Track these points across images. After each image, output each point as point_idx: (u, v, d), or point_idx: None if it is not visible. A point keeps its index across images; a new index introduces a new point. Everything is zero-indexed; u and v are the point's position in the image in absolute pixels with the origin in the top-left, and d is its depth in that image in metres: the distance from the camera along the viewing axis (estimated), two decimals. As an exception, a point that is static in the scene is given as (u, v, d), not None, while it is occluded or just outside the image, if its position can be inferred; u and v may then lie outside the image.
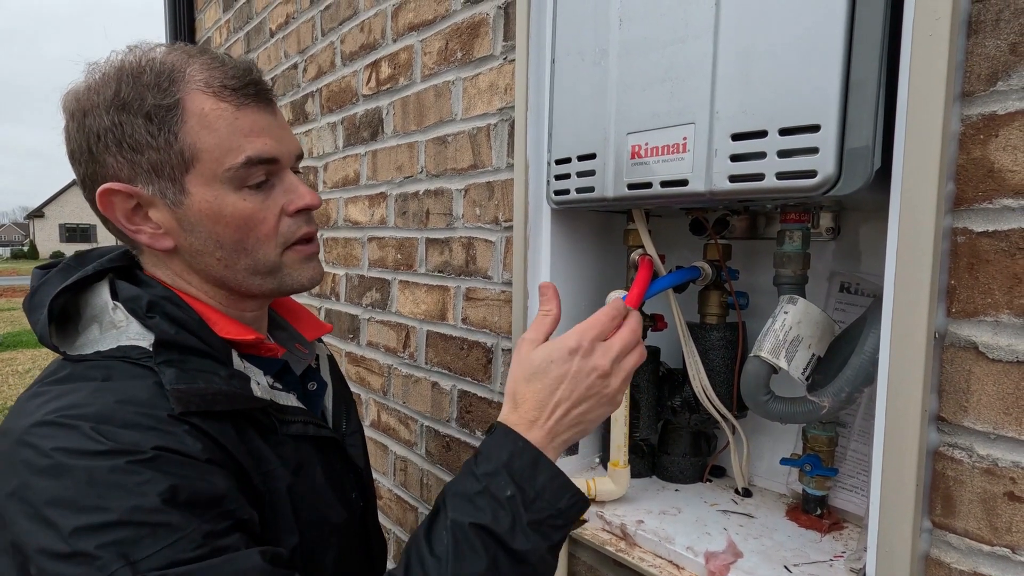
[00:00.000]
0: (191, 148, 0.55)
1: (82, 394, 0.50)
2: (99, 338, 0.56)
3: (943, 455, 0.50)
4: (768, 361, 0.67)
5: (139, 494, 0.45)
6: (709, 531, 0.75)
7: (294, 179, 0.62)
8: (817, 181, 0.53)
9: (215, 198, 0.57)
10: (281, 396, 0.63)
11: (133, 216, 0.58)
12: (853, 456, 0.77)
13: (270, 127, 0.60)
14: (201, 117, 0.55)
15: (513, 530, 0.49)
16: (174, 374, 0.53)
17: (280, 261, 0.62)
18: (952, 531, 0.50)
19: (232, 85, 0.57)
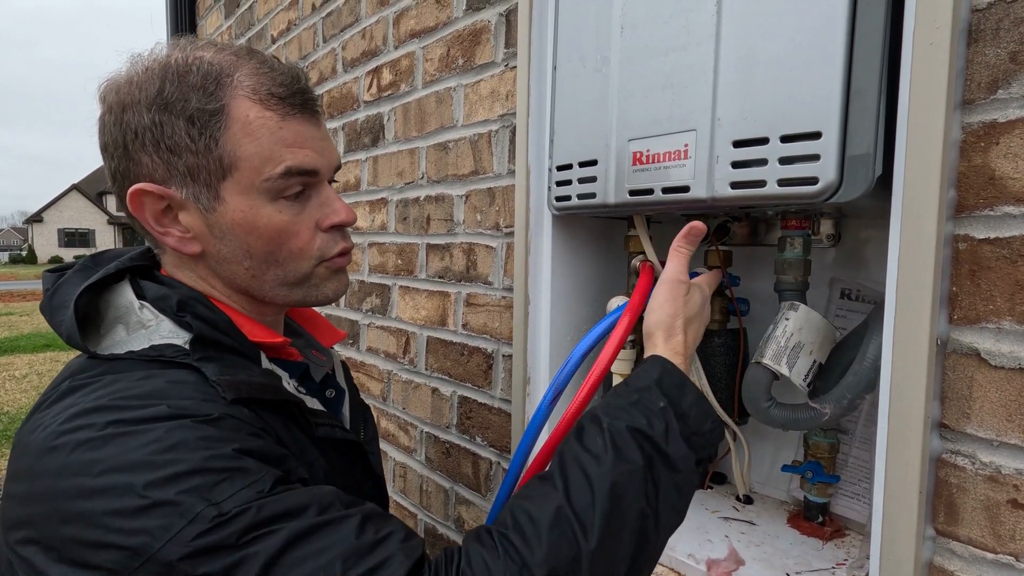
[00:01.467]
0: (231, 155, 0.54)
1: (128, 382, 0.49)
2: (127, 339, 0.54)
3: (946, 462, 0.50)
4: (770, 368, 0.67)
5: (210, 448, 0.45)
6: (711, 538, 0.74)
7: (331, 193, 0.61)
8: (818, 188, 0.53)
9: (250, 208, 0.55)
10: (307, 399, 0.62)
11: (163, 218, 0.56)
12: (855, 463, 0.77)
13: (313, 138, 0.58)
14: (245, 124, 0.53)
15: (667, 436, 0.52)
16: (216, 368, 0.52)
17: (312, 273, 0.61)
18: (955, 539, 0.50)
19: (279, 93, 0.55)
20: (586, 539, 0.46)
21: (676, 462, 0.51)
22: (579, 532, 0.46)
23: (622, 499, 0.48)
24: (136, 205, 0.55)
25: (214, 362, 0.53)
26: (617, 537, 0.47)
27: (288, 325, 0.74)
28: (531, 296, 0.86)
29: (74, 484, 0.44)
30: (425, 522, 1.17)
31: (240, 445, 0.46)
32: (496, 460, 0.99)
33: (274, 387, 0.55)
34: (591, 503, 0.47)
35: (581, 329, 0.90)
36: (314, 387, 0.70)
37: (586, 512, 0.47)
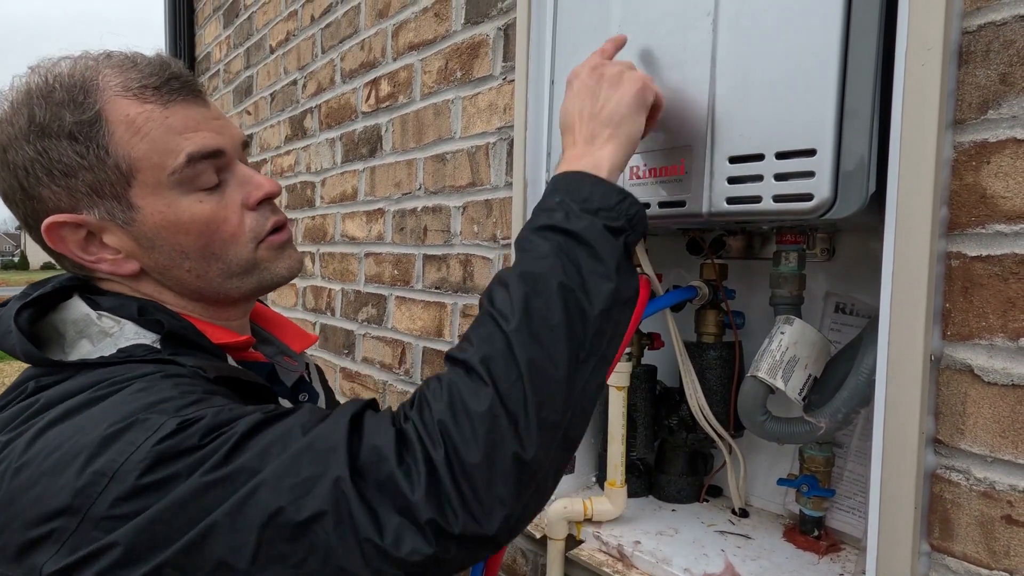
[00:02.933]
0: (126, 159, 0.50)
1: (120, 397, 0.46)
2: (94, 350, 0.51)
3: (940, 477, 0.51)
4: (765, 381, 0.67)
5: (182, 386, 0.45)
6: (707, 552, 0.74)
7: (246, 170, 0.58)
8: (813, 204, 0.54)
9: (167, 206, 0.52)
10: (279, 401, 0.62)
11: (88, 246, 0.53)
12: (850, 477, 0.77)
13: (205, 119, 0.55)
14: (129, 124, 0.50)
15: (568, 218, 0.49)
16: (190, 359, 0.51)
17: (255, 257, 0.58)
18: (951, 554, 0.50)
19: (153, 83, 0.52)
20: (507, 323, 0.45)
21: (582, 234, 0.49)
22: (500, 321, 0.45)
23: (536, 280, 0.47)
24: (56, 240, 0.52)
25: (187, 356, 0.51)
26: (540, 315, 0.45)
27: (257, 333, 0.72)
28: (528, 308, 0.86)
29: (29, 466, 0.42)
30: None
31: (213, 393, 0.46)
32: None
33: (251, 374, 0.55)
34: (508, 298, 0.46)
35: (577, 341, 0.90)
36: (284, 391, 0.68)
37: (504, 305, 0.46)
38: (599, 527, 0.81)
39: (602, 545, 0.78)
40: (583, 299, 0.47)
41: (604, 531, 0.79)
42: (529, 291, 0.46)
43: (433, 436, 0.41)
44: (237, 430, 0.41)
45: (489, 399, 0.42)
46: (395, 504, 0.40)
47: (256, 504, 0.39)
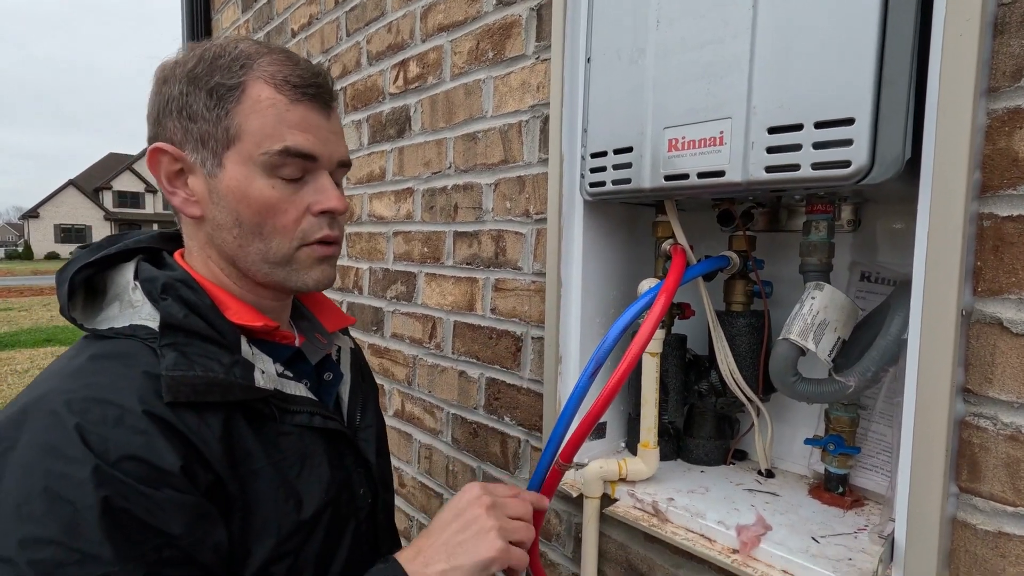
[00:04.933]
0: (237, 127, 0.58)
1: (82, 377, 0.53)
2: (117, 315, 0.59)
3: (969, 424, 0.54)
4: (797, 343, 0.71)
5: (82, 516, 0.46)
6: (738, 507, 0.78)
7: (328, 183, 0.63)
8: (851, 171, 0.57)
9: (245, 177, 0.59)
10: (289, 385, 0.63)
11: (174, 179, 0.61)
12: (873, 437, 0.81)
13: (318, 127, 0.61)
14: (256, 102, 0.58)
15: None
16: (174, 359, 0.54)
17: (293, 255, 0.63)
18: (978, 495, 0.54)
19: (294, 81, 0.60)
20: None
21: None
22: None
23: None
24: (153, 163, 0.61)
25: (178, 350, 0.55)
26: None
27: (296, 308, 0.76)
28: (563, 279, 0.90)
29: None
30: (451, 501, 1.21)
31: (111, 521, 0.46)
32: (525, 438, 1.03)
33: (227, 386, 0.56)
34: None
35: (609, 312, 0.94)
36: (308, 369, 0.70)
37: None
38: (632, 486, 0.85)
39: (637, 502, 0.82)
40: None
41: (638, 490, 0.84)
42: None
43: None
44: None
45: None
46: None
47: None
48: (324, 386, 0.73)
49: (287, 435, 0.61)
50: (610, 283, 0.94)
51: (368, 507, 0.71)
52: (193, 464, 0.52)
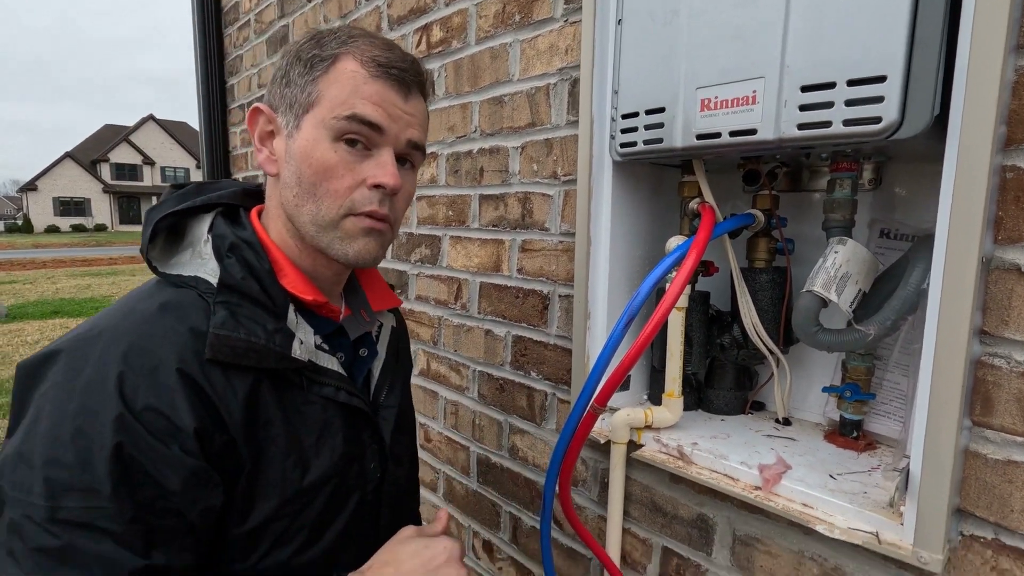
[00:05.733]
0: (319, 93, 0.63)
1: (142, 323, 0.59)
2: (187, 263, 0.64)
3: (984, 363, 0.59)
4: (819, 295, 0.75)
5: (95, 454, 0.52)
6: (758, 450, 0.84)
7: (389, 159, 0.64)
8: (882, 127, 0.60)
9: (313, 139, 0.63)
10: (323, 358, 0.67)
11: (265, 138, 0.68)
12: (887, 385, 0.85)
13: (392, 104, 0.64)
14: (340, 73, 0.63)
15: None
16: (224, 318, 0.59)
17: (339, 222, 0.64)
18: (989, 427, 0.59)
19: (379, 60, 0.63)
20: None
21: None
22: None
23: None
24: (251, 120, 0.68)
25: (230, 309, 0.60)
26: None
27: (350, 281, 0.79)
28: (592, 238, 0.94)
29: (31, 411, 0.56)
30: (478, 453, 1.27)
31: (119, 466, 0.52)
32: (552, 391, 1.08)
33: (264, 352, 0.60)
34: None
35: (634, 271, 0.98)
36: (345, 343, 0.74)
37: None
38: (657, 433, 0.90)
39: (662, 447, 0.88)
40: None
41: (663, 436, 0.89)
42: None
43: None
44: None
45: None
46: None
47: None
48: (358, 361, 0.76)
49: (311, 404, 0.66)
50: (635, 243, 0.98)
51: (376, 481, 0.74)
52: (209, 427, 0.57)
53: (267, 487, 0.61)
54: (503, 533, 1.22)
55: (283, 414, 0.63)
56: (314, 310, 0.69)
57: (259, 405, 0.62)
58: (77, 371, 0.54)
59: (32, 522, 0.50)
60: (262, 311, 0.62)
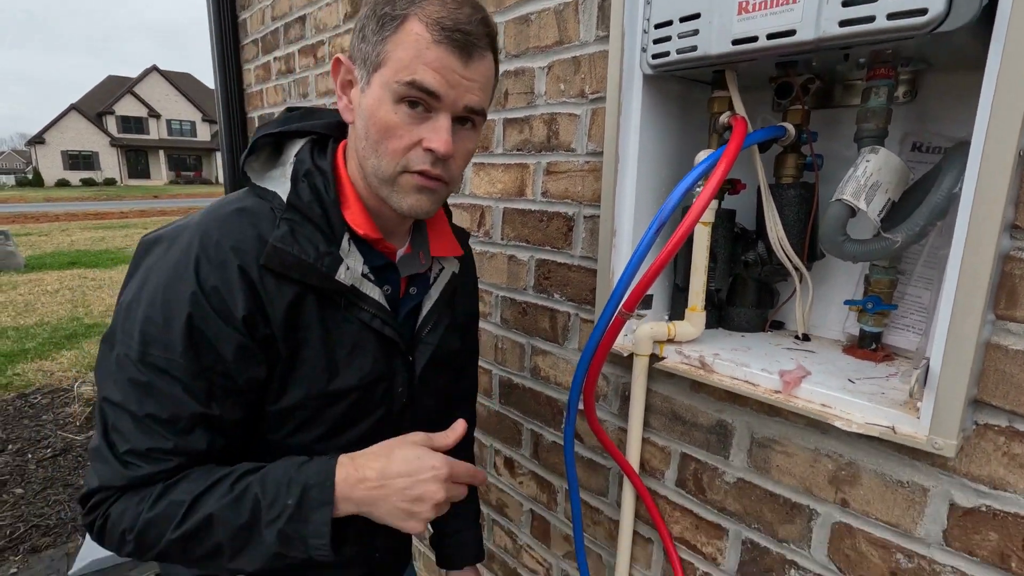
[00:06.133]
0: (386, 54, 0.65)
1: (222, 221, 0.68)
2: (274, 179, 0.73)
3: (1012, 257, 0.60)
4: (848, 203, 0.76)
5: (175, 318, 0.64)
6: (778, 360, 0.86)
7: (444, 124, 0.67)
8: (927, 19, 0.59)
9: (378, 100, 0.67)
10: (367, 286, 0.74)
11: (345, 87, 0.72)
12: (909, 299, 0.87)
13: (450, 70, 0.65)
14: (406, 35, 0.64)
15: (271, 523, 0.65)
16: (284, 233, 0.68)
17: (396, 178, 0.69)
18: (1012, 320, 0.61)
19: (444, 23, 0.64)
20: (171, 530, 0.64)
21: (261, 543, 0.65)
22: (168, 524, 0.64)
23: (208, 529, 0.64)
24: (335, 70, 0.72)
25: (291, 226, 0.68)
26: (185, 548, 0.65)
27: (418, 223, 0.85)
28: (621, 155, 0.94)
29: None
30: (500, 376, 1.32)
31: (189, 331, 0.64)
32: (575, 312, 1.11)
33: (308, 270, 0.68)
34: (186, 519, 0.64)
35: (662, 189, 0.99)
36: (394, 278, 0.79)
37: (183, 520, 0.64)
38: (679, 346, 0.93)
39: (684, 358, 0.91)
40: (220, 560, 0.67)
41: (684, 348, 0.92)
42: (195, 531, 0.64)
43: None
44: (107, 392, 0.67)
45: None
46: None
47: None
48: (406, 297, 0.82)
49: (349, 323, 0.73)
50: (663, 162, 0.98)
51: (403, 406, 0.82)
52: (256, 318, 0.67)
53: (298, 380, 0.71)
54: (524, 449, 1.28)
55: (321, 326, 0.71)
56: (370, 244, 0.76)
57: (301, 313, 0.70)
58: (171, 252, 0.67)
59: (130, 360, 0.64)
60: (319, 234, 0.70)
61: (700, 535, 0.94)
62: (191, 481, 0.66)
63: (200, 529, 0.64)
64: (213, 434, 0.67)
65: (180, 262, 0.65)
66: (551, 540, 1.25)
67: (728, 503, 0.89)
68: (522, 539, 1.33)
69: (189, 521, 0.64)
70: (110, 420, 0.65)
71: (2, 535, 2.64)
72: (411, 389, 0.82)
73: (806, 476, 0.80)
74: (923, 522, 0.69)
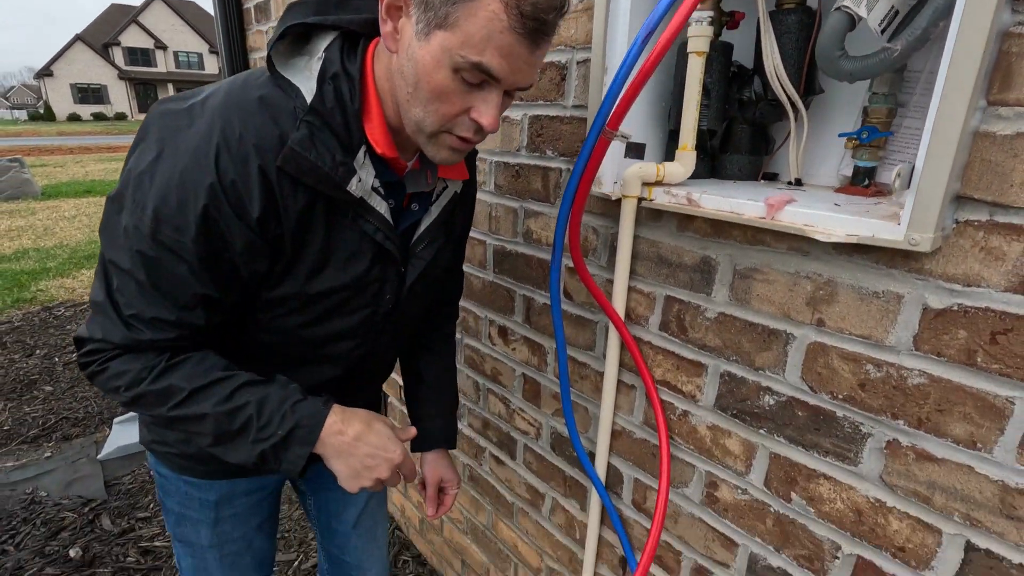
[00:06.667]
0: (456, 19, 0.61)
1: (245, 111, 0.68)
2: (299, 70, 0.71)
3: (1012, 34, 0.57)
4: (849, 10, 0.72)
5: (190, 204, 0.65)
6: (766, 194, 0.85)
7: (496, 99, 0.67)
8: None
9: (436, 62, 0.64)
10: (375, 199, 0.76)
11: (392, 11, 0.66)
12: (906, 132, 0.84)
13: (517, 57, 0.64)
14: (482, 9, 0.60)
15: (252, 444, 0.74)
16: (303, 136, 0.67)
17: (437, 134, 0.70)
18: (1004, 104, 0.58)
19: (525, 11, 0.60)
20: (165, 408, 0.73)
21: (242, 450, 0.75)
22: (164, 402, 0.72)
23: (199, 422, 0.73)
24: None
25: (311, 128, 0.68)
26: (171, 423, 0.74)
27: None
28: (613, -18, 0.89)
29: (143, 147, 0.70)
30: (494, 246, 1.33)
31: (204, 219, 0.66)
32: (566, 167, 1.09)
33: (321, 177, 0.69)
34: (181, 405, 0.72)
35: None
36: (400, 194, 0.82)
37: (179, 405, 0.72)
38: (668, 188, 0.92)
39: (672, 197, 0.90)
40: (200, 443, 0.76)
41: (674, 189, 0.90)
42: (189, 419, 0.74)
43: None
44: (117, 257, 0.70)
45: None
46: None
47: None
48: (407, 212, 0.85)
49: (352, 231, 0.76)
50: (659, -4, 0.93)
51: (388, 310, 0.87)
52: (269, 218, 0.69)
53: (296, 274, 0.75)
54: (517, 316, 1.31)
55: (326, 231, 0.75)
56: (387, 159, 0.76)
57: (311, 216, 0.73)
58: (190, 132, 0.67)
59: (139, 232, 0.66)
60: (336, 142, 0.70)
61: (681, 374, 0.96)
62: (192, 367, 0.73)
63: (191, 419, 0.73)
64: (211, 312, 0.72)
65: (200, 148, 0.65)
66: (541, 400, 1.29)
67: (708, 339, 0.91)
68: (514, 403, 1.38)
69: (183, 408, 0.72)
70: (115, 282, 0.69)
71: (35, 425, 2.81)
72: (398, 297, 0.87)
73: (785, 301, 0.80)
74: (895, 330, 0.70)
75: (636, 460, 1.09)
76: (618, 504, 1.15)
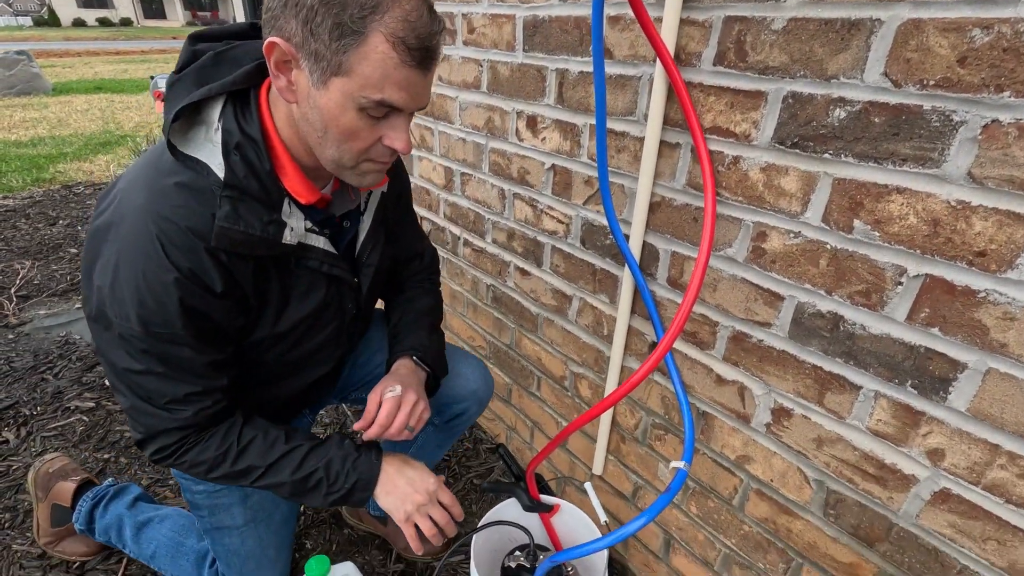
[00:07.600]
0: (349, 65, 0.65)
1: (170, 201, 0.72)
2: (200, 143, 0.74)
3: None
4: None
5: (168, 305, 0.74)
6: None
7: (404, 125, 0.73)
8: None
9: (340, 107, 0.68)
10: (311, 238, 0.84)
11: (282, 67, 0.69)
12: None
13: (414, 84, 0.69)
14: (372, 51, 0.64)
15: (322, 495, 0.91)
16: (227, 211, 0.72)
17: (357, 165, 0.76)
18: None
19: (410, 43, 0.65)
20: (248, 482, 0.88)
21: (315, 499, 0.91)
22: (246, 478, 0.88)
23: (278, 488, 0.90)
24: (268, 50, 0.68)
25: (232, 203, 0.72)
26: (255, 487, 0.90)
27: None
28: None
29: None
30: (524, 17, 1.20)
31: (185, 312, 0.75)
32: None
33: (259, 242, 0.76)
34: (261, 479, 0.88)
35: None
36: (332, 222, 0.90)
37: (259, 479, 0.88)
38: None
39: None
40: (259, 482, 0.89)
41: None
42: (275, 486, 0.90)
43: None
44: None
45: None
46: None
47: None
48: (343, 231, 0.93)
49: (301, 271, 0.85)
50: None
51: (353, 314, 0.99)
52: (231, 288, 0.78)
53: (264, 320, 0.85)
54: (548, 97, 1.20)
55: (280, 279, 0.84)
56: (307, 201, 0.81)
57: (264, 272, 0.82)
58: (128, 236, 0.71)
59: (134, 336, 0.74)
60: (260, 205, 0.75)
61: (735, 113, 0.86)
62: (260, 444, 0.87)
63: (272, 486, 0.88)
64: (226, 370, 0.83)
65: (147, 249, 0.70)
66: (572, 191, 1.21)
67: (773, 58, 0.80)
68: (542, 203, 1.31)
69: (263, 481, 0.87)
70: (137, 386, 0.78)
71: (63, 280, 2.87)
72: (359, 302, 0.99)
73: (875, -21, 0.68)
74: (1017, -27, 0.58)
75: (674, 231, 1.01)
76: (652, 286, 1.09)
